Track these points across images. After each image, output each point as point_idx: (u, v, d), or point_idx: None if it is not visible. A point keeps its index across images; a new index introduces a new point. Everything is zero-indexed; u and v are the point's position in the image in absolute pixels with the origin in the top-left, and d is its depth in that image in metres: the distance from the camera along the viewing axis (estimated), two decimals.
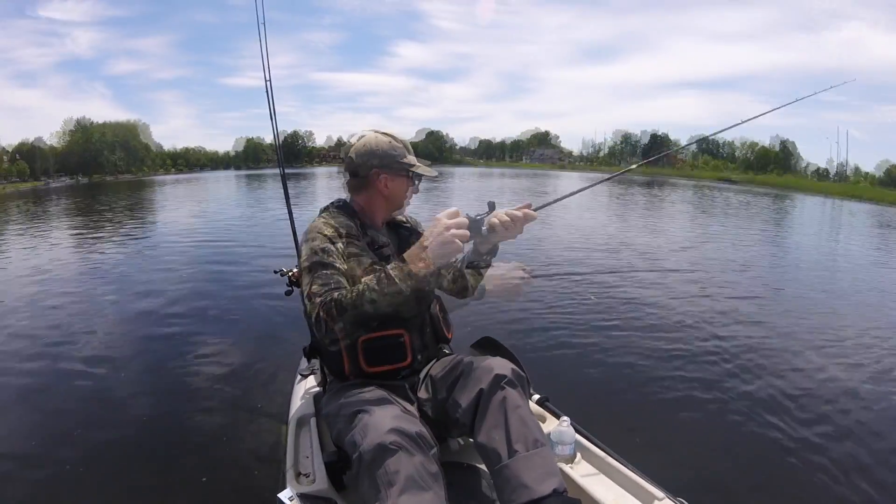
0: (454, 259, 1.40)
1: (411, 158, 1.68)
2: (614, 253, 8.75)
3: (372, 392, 1.48)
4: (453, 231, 1.32)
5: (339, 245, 1.54)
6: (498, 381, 1.43)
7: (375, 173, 1.64)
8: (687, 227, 13.94)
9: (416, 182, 1.71)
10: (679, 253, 9.09)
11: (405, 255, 1.38)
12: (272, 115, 2.69)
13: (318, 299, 1.40)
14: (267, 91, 2.68)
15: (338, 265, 1.49)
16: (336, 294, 1.39)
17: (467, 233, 1.35)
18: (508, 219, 1.44)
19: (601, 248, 9.26)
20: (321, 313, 1.37)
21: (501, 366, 1.48)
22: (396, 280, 1.33)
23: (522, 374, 1.51)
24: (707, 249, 9.66)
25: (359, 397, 1.45)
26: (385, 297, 1.34)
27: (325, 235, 1.54)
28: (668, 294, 5.87)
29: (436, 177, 1.74)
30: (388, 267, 1.37)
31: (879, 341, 4.53)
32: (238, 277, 6.83)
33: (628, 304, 5.37)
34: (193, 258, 8.38)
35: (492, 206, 1.47)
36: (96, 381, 3.62)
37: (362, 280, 1.40)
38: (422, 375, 1.66)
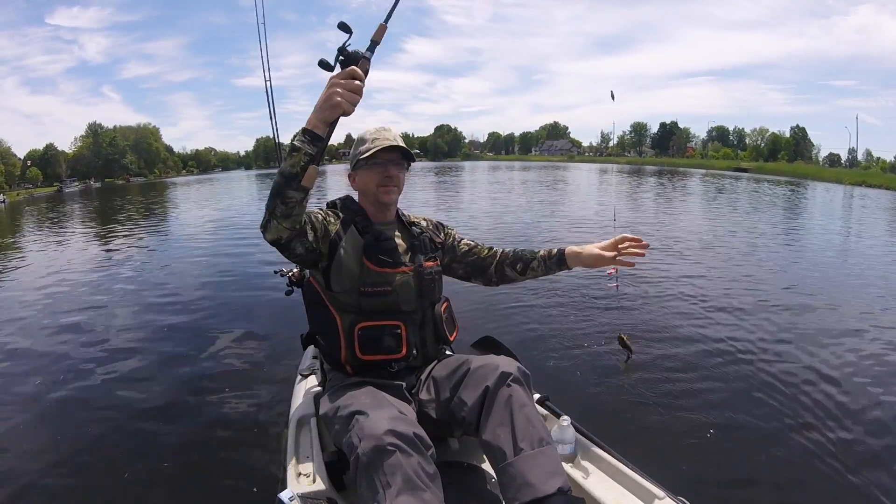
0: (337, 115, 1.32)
1: (368, 146, 1.64)
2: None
3: (368, 393, 1.48)
4: (336, 89, 1.29)
5: (332, 219, 1.62)
6: (504, 379, 1.41)
7: (349, 175, 1.75)
8: (694, 218, 13.69)
9: (387, 167, 1.65)
10: (682, 245, 8.89)
11: None
12: (272, 115, 2.70)
13: None
14: (267, 91, 2.70)
15: (317, 214, 1.59)
16: None
17: (356, 86, 1.30)
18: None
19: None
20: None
21: (507, 364, 1.47)
22: (294, 142, 1.33)
23: (528, 372, 1.49)
24: (712, 242, 9.46)
25: (355, 398, 1.44)
26: (288, 160, 1.33)
27: (320, 208, 1.67)
28: (669, 291, 5.77)
29: (391, 147, 1.64)
30: None
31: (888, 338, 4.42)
32: (238, 277, 6.87)
33: (630, 303, 5.30)
34: (194, 259, 8.47)
35: None
36: (97, 379, 3.67)
37: None
38: (423, 377, 1.65)
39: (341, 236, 1.60)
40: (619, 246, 1.69)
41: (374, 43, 1.37)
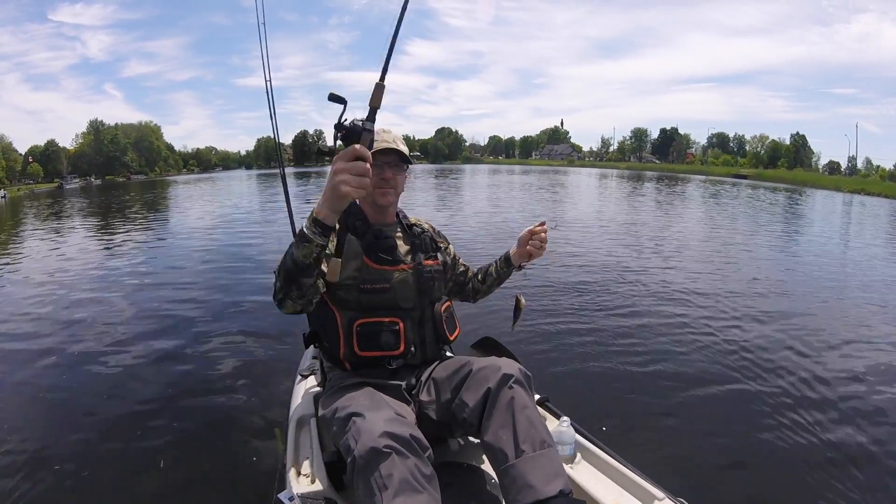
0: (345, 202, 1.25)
1: None
2: (617, 249, 8.66)
3: (366, 394, 1.48)
4: (341, 177, 1.18)
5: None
6: (506, 381, 1.42)
7: None
8: (692, 223, 13.73)
9: (383, 169, 1.64)
10: (682, 249, 8.93)
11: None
12: (272, 115, 2.70)
13: None
14: (267, 91, 2.70)
15: None
16: None
17: (363, 169, 1.19)
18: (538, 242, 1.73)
19: (603, 244, 9.18)
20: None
21: (509, 365, 1.47)
22: (304, 229, 1.28)
23: (529, 374, 1.50)
24: (712, 246, 9.51)
25: (353, 400, 1.44)
26: (298, 248, 1.29)
27: None
28: (669, 292, 5.80)
29: (388, 149, 1.63)
30: None
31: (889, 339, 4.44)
32: (240, 278, 6.86)
33: (629, 303, 5.32)
34: (194, 258, 8.46)
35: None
36: (97, 378, 3.68)
37: None
38: (423, 378, 1.66)
39: (342, 244, 1.61)
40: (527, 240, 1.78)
41: (374, 109, 1.25)
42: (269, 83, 2.70)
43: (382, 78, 1.27)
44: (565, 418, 1.72)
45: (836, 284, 6.78)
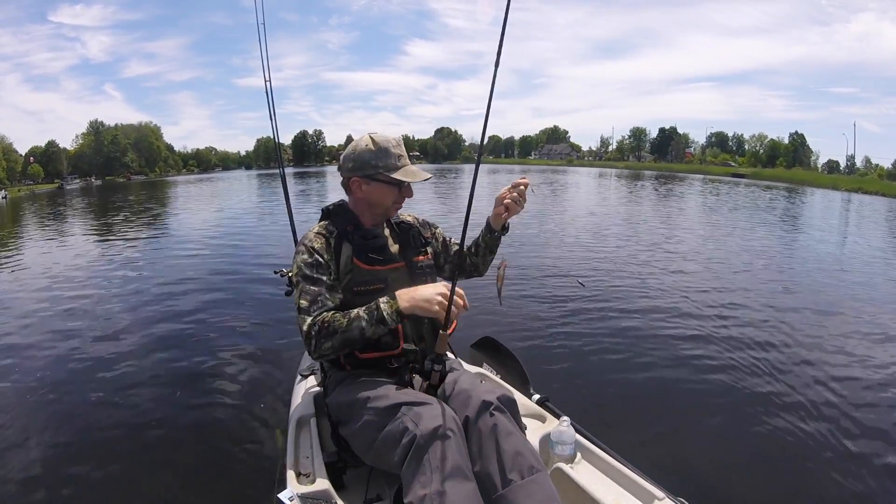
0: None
1: (393, 162, 1.65)
2: (616, 250, 8.64)
3: (396, 387, 1.50)
4: (441, 301, 1.45)
5: (327, 256, 1.60)
6: (485, 409, 1.39)
7: (351, 178, 1.69)
8: (691, 221, 13.70)
9: (402, 186, 1.68)
10: (682, 249, 8.90)
11: (397, 293, 1.48)
12: (272, 116, 2.70)
13: (308, 319, 1.50)
14: (267, 92, 2.69)
15: (325, 279, 1.58)
16: (326, 315, 1.50)
17: (460, 306, 1.50)
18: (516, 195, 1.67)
19: (603, 244, 9.18)
20: (312, 332, 1.48)
21: (488, 392, 1.45)
22: (385, 314, 1.46)
23: (512, 397, 1.48)
24: (711, 245, 9.49)
25: (388, 391, 1.47)
26: (372, 327, 1.47)
27: (314, 248, 1.61)
28: (670, 292, 5.80)
29: (426, 180, 1.70)
30: (381, 301, 1.47)
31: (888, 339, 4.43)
32: (239, 278, 6.86)
33: (629, 303, 5.31)
34: (194, 258, 8.45)
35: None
36: (97, 377, 3.66)
37: (355, 309, 1.50)
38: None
39: (340, 255, 1.63)
40: (505, 196, 1.71)
41: (440, 356, 1.51)
42: (268, 83, 2.69)
43: (445, 328, 1.50)
44: (565, 418, 1.72)
45: (838, 282, 6.78)
